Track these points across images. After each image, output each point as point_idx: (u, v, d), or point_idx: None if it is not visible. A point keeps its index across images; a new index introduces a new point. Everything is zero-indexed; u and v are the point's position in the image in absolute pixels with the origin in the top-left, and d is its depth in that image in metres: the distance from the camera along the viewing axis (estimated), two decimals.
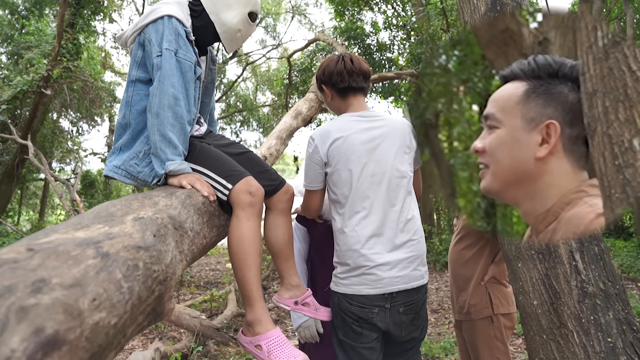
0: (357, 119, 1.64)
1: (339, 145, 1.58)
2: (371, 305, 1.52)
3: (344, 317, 1.56)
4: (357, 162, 1.57)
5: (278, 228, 1.56)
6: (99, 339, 0.55)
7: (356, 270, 1.54)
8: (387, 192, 1.58)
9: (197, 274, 8.37)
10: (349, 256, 1.55)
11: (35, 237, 0.63)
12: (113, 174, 1.45)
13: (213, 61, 1.80)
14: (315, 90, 3.61)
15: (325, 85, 1.71)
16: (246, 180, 1.38)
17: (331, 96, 1.72)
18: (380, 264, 1.52)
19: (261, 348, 1.32)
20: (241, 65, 15.97)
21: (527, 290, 1.55)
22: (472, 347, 2.05)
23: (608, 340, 1.37)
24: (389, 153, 1.60)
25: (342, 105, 1.71)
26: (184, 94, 1.41)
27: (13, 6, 12.43)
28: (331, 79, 1.68)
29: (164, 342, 3.77)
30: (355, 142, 1.58)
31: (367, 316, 1.53)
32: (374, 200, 1.56)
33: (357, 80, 1.66)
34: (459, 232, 2.21)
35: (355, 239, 1.54)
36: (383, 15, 9.38)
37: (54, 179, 6.26)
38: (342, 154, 1.57)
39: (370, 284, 1.52)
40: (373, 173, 1.57)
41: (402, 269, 1.53)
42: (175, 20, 1.43)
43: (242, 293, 1.37)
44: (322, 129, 1.63)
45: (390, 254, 1.54)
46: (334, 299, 1.61)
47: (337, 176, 1.59)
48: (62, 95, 9.33)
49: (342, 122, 1.63)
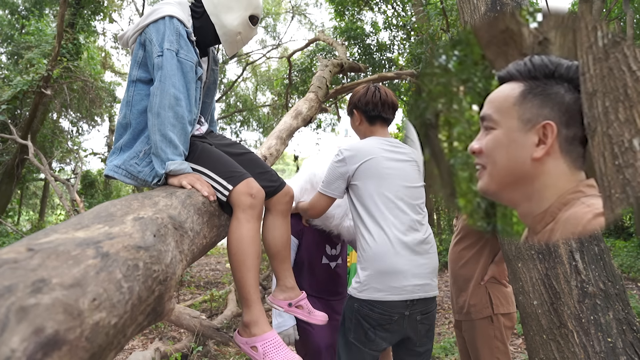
0: (384, 143, 1.82)
1: (368, 163, 1.73)
2: (392, 313, 1.61)
3: (361, 321, 1.63)
4: (384, 178, 1.73)
5: (276, 229, 1.56)
6: (99, 339, 0.55)
7: (381, 277, 1.61)
8: (410, 207, 1.74)
9: (197, 274, 8.37)
10: (375, 263, 1.63)
11: (35, 237, 0.63)
12: (113, 173, 1.45)
13: (215, 62, 1.79)
14: (315, 90, 3.61)
15: (357, 111, 1.92)
16: (247, 182, 1.37)
17: (360, 121, 1.93)
18: (405, 272, 1.62)
19: (257, 349, 1.32)
20: (241, 65, 15.97)
21: (527, 290, 1.55)
22: (472, 347, 2.05)
23: (608, 340, 1.37)
24: (411, 173, 1.80)
25: (367, 131, 1.91)
26: (185, 94, 1.40)
27: (13, 6, 12.43)
28: (366, 106, 1.89)
29: (164, 342, 3.77)
30: (382, 161, 1.75)
31: (386, 322, 1.61)
32: (398, 213, 1.70)
33: (387, 112, 1.89)
34: (459, 233, 2.21)
35: (381, 247, 1.64)
36: (383, 15, 9.38)
37: (54, 179, 6.26)
38: (370, 171, 1.72)
39: (394, 291, 1.61)
40: (397, 189, 1.73)
41: (422, 277, 1.65)
42: (177, 20, 1.43)
43: (240, 294, 1.37)
44: (354, 146, 1.79)
45: (413, 263, 1.65)
46: (352, 304, 1.66)
47: (364, 189, 1.72)
48: (62, 95, 9.32)
49: (371, 144, 1.80)
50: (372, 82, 6.45)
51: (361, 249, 1.70)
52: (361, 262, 1.69)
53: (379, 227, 1.67)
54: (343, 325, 1.71)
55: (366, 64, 8.55)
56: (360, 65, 5.29)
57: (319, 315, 1.63)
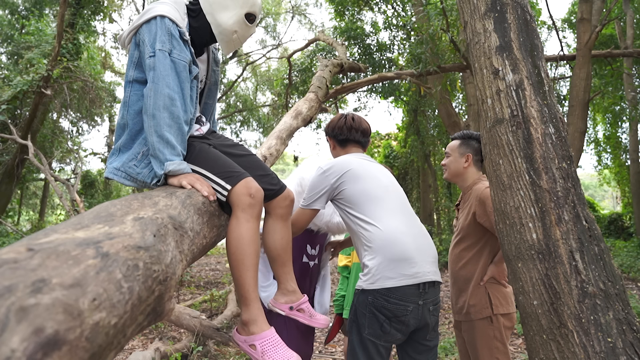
0: (359, 156, 1.98)
1: (350, 172, 1.84)
2: (407, 302, 1.65)
3: (376, 314, 1.65)
4: (371, 178, 1.85)
5: (276, 233, 1.56)
6: (99, 339, 0.55)
7: (393, 264, 1.66)
8: (400, 201, 1.87)
9: (197, 274, 8.37)
10: (384, 250, 1.68)
11: (35, 237, 0.63)
12: (113, 175, 1.45)
13: (216, 62, 1.78)
14: (315, 90, 3.61)
15: (328, 137, 2.11)
16: (246, 182, 1.37)
17: (333, 146, 2.11)
18: (414, 257, 1.69)
19: (255, 348, 1.32)
20: (241, 65, 15.97)
21: (527, 290, 1.55)
22: (471, 348, 2.05)
23: (608, 340, 1.37)
24: (388, 175, 1.98)
25: (341, 153, 2.06)
26: (179, 93, 1.40)
27: (13, 6, 12.43)
28: (333, 131, 2.07)
29: (164, 342, 3.77)
30: (362, 166, 1.89)
31: (402, 313, 1.64)
32: (395, 205, 1.82)
33: (355, 135, 2.05)
34: (459, 233, 2.21)
35: (387, 235, 1.70)
36: (383, 15, 9.38)
37: (54, 179, 6.26)
38: (354, 176, 1.83)
39: (406, 277, 1.66)
40: (386, 185, 1.88)
41: (429, 263, 1.75)
42: (168, 20, 1.41)
43: (239, 293, 1.37)
44: (332, 161, 1.92)
45: (419, 249, 1.74)
46: (366, 298, 1.67)
47: (353, 191, 1.81)
48: (62, 95, 9.33)
49: (347, 157, 1.93)
50: (372, 82, 6.45)
51: (366, 242, 1.72)
52: (368, 253, 1.71)
53: (379, 218, 1.74)
54: (356, 323, 1.70)
55: (366, 64, 8.55)
56: (360, 65, 5.29)
57: (320, 318, 1.62)
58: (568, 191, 1.54)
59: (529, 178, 1.57)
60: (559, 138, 1.61)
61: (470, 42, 1.85)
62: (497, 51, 1.71)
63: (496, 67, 1.70)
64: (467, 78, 7.43)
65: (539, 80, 1.67)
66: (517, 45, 1.70)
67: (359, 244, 1.78)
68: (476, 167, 2.21)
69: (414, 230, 1.78)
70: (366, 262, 1.71)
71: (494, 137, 1.70)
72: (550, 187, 1.54)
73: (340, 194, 1.83)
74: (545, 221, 1.52)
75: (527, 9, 1.76)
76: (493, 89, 1.71)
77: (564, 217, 1.51)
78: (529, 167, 1.58)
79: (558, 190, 1.53)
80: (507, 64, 1.68)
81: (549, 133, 1.60)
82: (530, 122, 1.61)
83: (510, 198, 1.62)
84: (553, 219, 1.51)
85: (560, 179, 1.55)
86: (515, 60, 1.68)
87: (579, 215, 1.51)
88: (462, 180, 2.23)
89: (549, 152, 1.58)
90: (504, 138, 1.65)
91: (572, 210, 1.52)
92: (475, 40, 1.80)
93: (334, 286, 7.03)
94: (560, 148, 1.59)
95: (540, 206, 1.54)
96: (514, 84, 1.66)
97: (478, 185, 2.12)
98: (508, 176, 1.63)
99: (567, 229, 1.50)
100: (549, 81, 1.70)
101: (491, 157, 1.71)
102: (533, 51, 1.70)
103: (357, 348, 1.69)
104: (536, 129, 1.60)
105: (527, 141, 1.60)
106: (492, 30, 1.74)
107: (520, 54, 1.68)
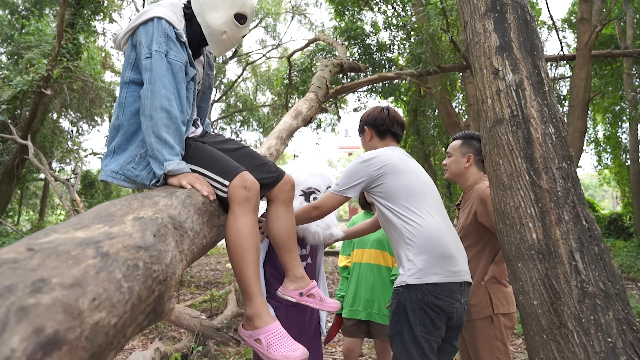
0: (397, 150, 1.96)
1: (390, 165, 1.82)
2: (453, 299, 1.68)
3: (427, 311, 1.65)
4: (411, 173, 1.84)
5: (280, 219, 1.55)
6: (99, 339, 0.55)
7: (439, 260, 1.68)
8: (439, 199, 1.89)
9: (197, 274, 8.37)
10: (430, 246, 1.69)
11: (35, 237, 0.63)
12: (112, 179, 1.44)
13: (210, 67, 1.78)
14: (315, 90, 3.61)
15: (368, 127, 2.07)
16: (241, 176, 1.37)
17: (370, 137, 2.07)
18: (455, 255, 1.72)
19: (260, 342, 1.31)
20: (241, 65, 15.98)
21: (527, 290, 1.55)
22: (472, 347, 2.05)
23: (608, 340, 1.37)
24: (426, 174, 1.96)
25: (379, 145, 2.04)
26: (176, 94, 1.40)
27: (13, 6, 12.44)
28: (375, 121, 2.04)
29: (164, 342, 3.77)
30: (404, 160, 1.88)
31: (449, 309, 1.66)
32: (435, 203, 1.83)
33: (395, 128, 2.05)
34: (459, 233, 2.20)
35: (431, 231, 1.71)
36: (383, 15, 9.38)
37: (54, 179, 6.26)
38: (394, 169, 1.81)
39: (451, 275, 1.68)
40: (426, 182, 1.88)
41: (466, 264, 1.79)
42: (165, 22, 1.42)
43: (241, 288, 1.36)
44: (374, 152, 1.89)
45: (457, 249, 1.77)
46: (414, 295, 1.66)
47: (394, 185, 1.79)
48: (62, 95, 9.33)
49: (387, 151, 1.91)
50: (372, 82, 6.45)
51: (409, 236, 1.72)
52: (412, 247, 1.70)
53: (422, 214, 1.74)
54: (407, 323, 1.66)
55: (366, 64, 8.55)
56: (360, 65, 5.29)
57: (331, 302, 1.61)
58: (568, 191, 1.54)
59: (529, 178, 1.57)
60: (559, 138, 1.61)
61: (470, 42, 1.85)
62: (497, 51, 1.71)
63: (496, 67, 1.70)
64: (467, 78, 7.44)
65: (539, 80, 1.67)
66: (517, 45, 1.70)
67: (399, 237, 1.76)
68: (477, 167, 2.21)
69: (451, 230, 1.81)
70: (410, 257, 1.70)
71: (494, 137, 1.70)
72: (550, 187, 1.54)
73: (379, 186, 1.81)
74: (545, 221, 1.52)
75: (527, 9, 1.76)
76: (493, 89, 1.71)
77: (564, 217, 1.51)
78: (529, 167, 1.58)
79: (558, 190, 1.53)
80: (507, 64, 1.69)
81: (549, 133, 1.60)
82: (530, 122, 1.61)
83: (510, 198, 1.62)
84: (553, 219, 1.51)
85: (560, 179, 1.55)
86: (515, 60, 1.68)
87: (579, 215, 1.51)
88: (464, 180, 2.24)
89: (549, 152, 1.58)
90: (504, 138, 1.65)
91: (572, 210, 1.52)
92: (475, 40, 1.80)
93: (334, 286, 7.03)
94: (560, 148, 1.59)
95: (540, 206, 1.54)
96: (514, 84, 1.66)
97: (479, 185, 2.13)
98: (508, 176, 1.63)
99: (567, 229, 1.50)
100: (549, 81, 1.70)
101: (491, 157, 1.71)
102: (533, 51, 1.70)
103: (411, 347, 1.64)
104: (536, 129, 1.61)
105: (527, 141, 1.60)
106: (492, 30, 1.74)
107: (520, 54, 1.68)
